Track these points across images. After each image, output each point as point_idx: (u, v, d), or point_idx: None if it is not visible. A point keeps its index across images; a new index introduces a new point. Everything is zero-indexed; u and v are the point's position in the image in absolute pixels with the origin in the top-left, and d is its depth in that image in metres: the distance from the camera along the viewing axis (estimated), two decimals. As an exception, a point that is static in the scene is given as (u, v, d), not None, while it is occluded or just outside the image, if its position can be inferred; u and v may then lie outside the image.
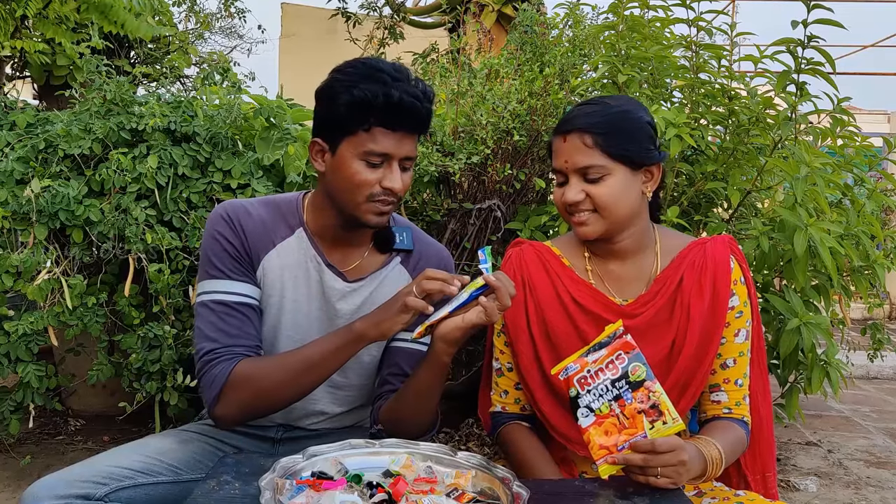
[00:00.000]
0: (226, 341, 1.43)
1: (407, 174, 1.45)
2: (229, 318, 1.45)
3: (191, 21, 6.04)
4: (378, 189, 1.41)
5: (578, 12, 3.21)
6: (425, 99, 1.41)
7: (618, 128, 1.45)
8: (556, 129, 1.51)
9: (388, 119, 1.38)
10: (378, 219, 1.45)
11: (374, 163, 1.41)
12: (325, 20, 7.23)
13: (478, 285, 1.31)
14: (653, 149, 1.49)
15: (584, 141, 1.45)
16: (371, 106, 1.37)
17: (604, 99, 1.53)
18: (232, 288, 1.47)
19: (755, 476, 1.59)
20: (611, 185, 1.45)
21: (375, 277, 1.56)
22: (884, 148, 2.58)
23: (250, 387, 1.40)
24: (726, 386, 1.52)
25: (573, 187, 1.47)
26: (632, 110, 1.49)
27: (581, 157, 1.45)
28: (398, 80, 1.38)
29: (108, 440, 2.98)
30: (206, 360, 1.43)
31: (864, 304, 3.09)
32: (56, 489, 1.28)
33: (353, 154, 1.41)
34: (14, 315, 2.41)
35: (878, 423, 3.93)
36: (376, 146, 1.39)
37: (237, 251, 1.48)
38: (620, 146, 1.45)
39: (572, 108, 1.53)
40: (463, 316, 1.33)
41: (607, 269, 1.55)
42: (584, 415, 1.30)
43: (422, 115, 1.41)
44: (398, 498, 1.14)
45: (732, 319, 1.52)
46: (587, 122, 1.46)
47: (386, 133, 1.39)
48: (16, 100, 2.82)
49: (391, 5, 6.62)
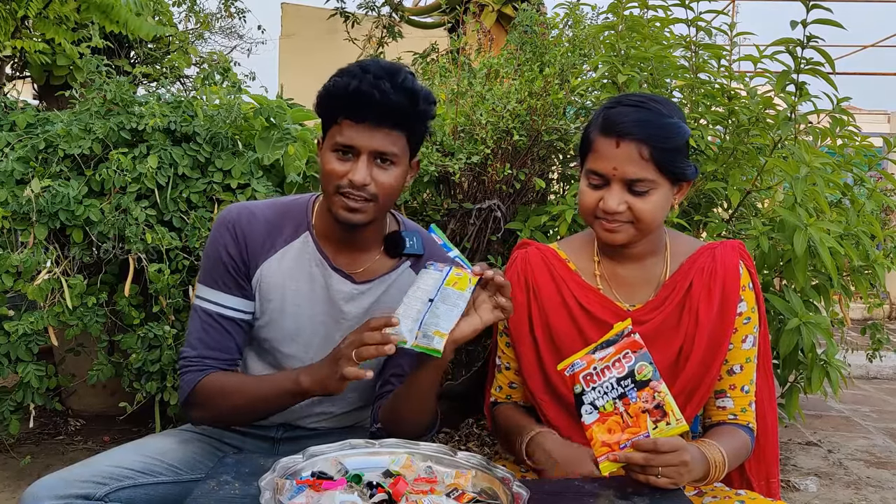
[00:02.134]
0: (202, 351, 1.49)
1: (384, 172, 1.42)
2: (211, 330, 1.50)
3: (191, 21, 6.04)
4: (345, 181, 1.41)
5: (578, 12, 3.21)
6: (396, 91, 1.37)
7: (671, 141, 1.39)
8: (606, 129, 1.40)
9: (351, 110, 1.39)
10: (348, 214, 1.43)
11: (343, 155, 1.42)
12: (325, 20, 7.22)
13: (473, 282, 1.30)
14: (690, 165, 1.45)
15: (641, 153, 1.37)
16: (334, 97, 1.40)
17: (651, 103, 1.42)
18: (222, 300, 1.51)
19: (759, 481, 1.58)
20: (655, 201, 1.40)
21: (384, 281, 1.56)
22: (883, 148, 2.58)
23: (209, 404, 1.48)
24: (732, 392, 1.51)
25: (615, 196, 1.40)
26: (680, 122, 1.42)
27: (634, 168, 1.38)
28: (367, 73, 1.37)
29: (108, 440, 2.98)
30: (181, 365, 1.51)
31: (863, 304, 3.09)
32: (56, 489, 1.28)
33: (327, 146, 1.44)
34: (14, 315, 2.40)
35: (878, 423, 3.93)
36: (342, 138, 1.40)
37: (234, 262, 1.50)
38: (672, 162, 1.39)
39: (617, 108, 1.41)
40: (480, 317, 1.33)
41: (616, 274, 1.53)
42: (588, 412, 1.30)
43: (388, 107, 1.37)
44: (398, 498, 1.14)
45: (740, 325, 1.50)
46: (647, 132, 1.37)
47: (351, 125, 1.40)
48: (16, 100, 2.82)
49: (390, 5, 6.61)
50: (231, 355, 1.52)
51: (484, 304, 1.33)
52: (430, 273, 1.35)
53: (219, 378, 1.47)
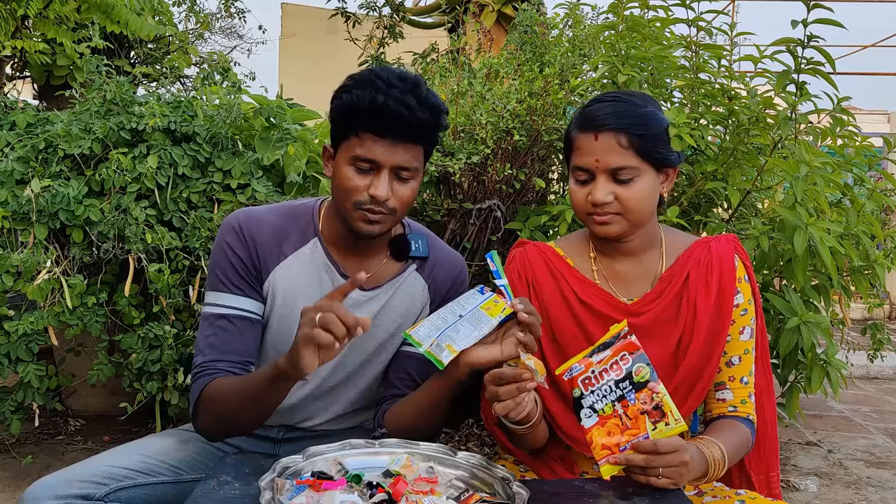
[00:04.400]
0: (212, 356, 1.44)
1: (404, 185, 1.42)
2: (222, 333, 1.45)
3: (191, 21, 6.04)
4: (366, 196, 1.40)
5: (578, 12, 3.21)
6: (421, 108, 1.37)
7: (649, 129, 1.43)
8: (584, 125, 1.46)
9: (374, 125, 1.36)
10: (368, 227, 1.43)
11: (363, 168, 1.39)
12: (325, 20, 7.22)
13: (507, 312, 1.29)
14: (672, 151, 1.49)
15: (620, 141, 1.41)
16: (357, 110, 1.37)
17: (625, 96, 1.48)
18: (232, 302, 1.47)
19: (759, 476, 1.58)
20: (640, 188, 1.43)
21: (392, 286, 1.55)
22: (884, 148, 2.58)
23: (213, 408, 1.41)
24: (731, 384, 1.52)
25: (602, 187, 1.43)
26: (656, 111, 1.47)
27: (615, 157, 1.42)
28: (392, 87, 1.35)
29: (108, 440, 2.98)
30: (193, 374, 1.46)
31: (864, 304, 3.10)
32: (56, 489, 1.28)
33: (345, 159, 1.41)
34: (14, 315, 2.41)
35: (878, 423, 3.93)
36: (363, 151, 1.38)
37: (244, 264, 1.48)
38: (652, 148, 1.43)
39: (594, 105, 1.47)
40: (501, 349, 1.29)
41: (613, 269, 1.55)
42: (588, 415, 1.31)
43: (413, 124, 1.37)
44: (398, 498, 1.14)
45: (737, 317, 1.52)
46: (622, 122, 1.42)
47: (374, 139, 1.38)
48: (16, 100, 2.82)
49: (391, 5, 6.62)
50: (244, 357, 1.46)
51: (510, 339, 1.30)
52: (474, 293, 1.36)
53: (220, 381, 1.43)
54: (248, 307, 1.48)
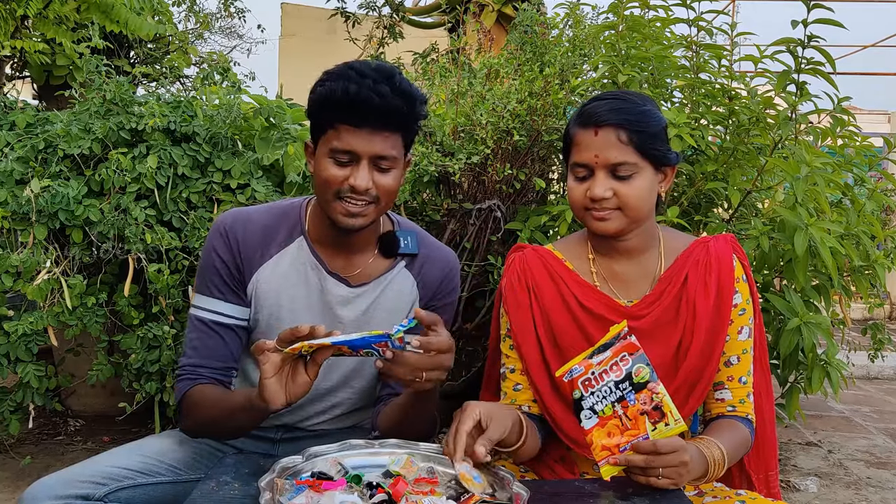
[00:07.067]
0: (195, 360, 1.48)
1: (385, 175, 1.42)
2: (206, 339, 1.49)
3: (190, 21, 6.04)
4: (346, 186, 1.40)
5: (578, 12, 3.21)
6: (394, 95, 1.36)
7: (648, 126, 1.44)
8: (584, 121, 1.46)
9: (349, 115, 1.37)
10: (349, 219, 1.42)
11: (342, 161, 1.40)
12: (325, 20, 7.22)
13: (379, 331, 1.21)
14: (671, 150, 1.50)
15: (619, 137, 1.42)
16: (332, 102, 1.37)
17: (624, 95, 1.49)
18: (216, 307, 1.50)
19: (758, 475, 1.59)
20: (639, 185, 1.44)
21: (380, 283, 1.55)
22: (884, 148, 2.58)
23: (194, 414, 1.46)
24: (730, 384, 1.52)
25: (601, 183, 1.43)
26: (654, 110, 1.48)
27: (615, 152, 1.42)
28: (365, 77, 1.35)
29: (108, 440, 2.98)
30: (177, 375, 1.50)
31: (864, 304, 3.09)
32: (55, 489, 1.28)
33: (323, 153, 1.42)
34: (14, 315, 2.41)
35: (878, 424, 3.92)
36: (340, 143, 1.38)
37: (227, 268, 1.49)
38: (651, 145, 1.44)
39: (593, 103, 1.48)
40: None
41: (612, 270, 1.55)
42: (588, 416, 1.30)
43: (387, 111, 1.36)
44: (398, 498, 1.14)
45: (736, 317, 1.52)
46: (622, 118, 1.42)
47: (350, 130, 1.38)
48: (16, 100, 2.82)
49: (390, 5, 6.61)
50: (225, 363, 1.50)
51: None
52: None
53: (203, 389, 1.46)
54: (230, 313, 1.50)
